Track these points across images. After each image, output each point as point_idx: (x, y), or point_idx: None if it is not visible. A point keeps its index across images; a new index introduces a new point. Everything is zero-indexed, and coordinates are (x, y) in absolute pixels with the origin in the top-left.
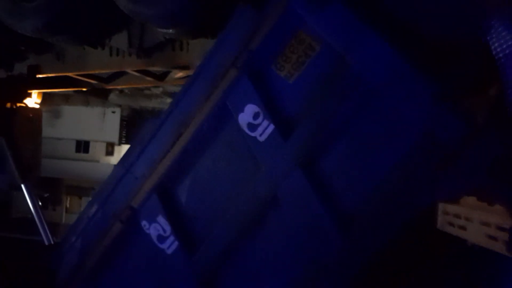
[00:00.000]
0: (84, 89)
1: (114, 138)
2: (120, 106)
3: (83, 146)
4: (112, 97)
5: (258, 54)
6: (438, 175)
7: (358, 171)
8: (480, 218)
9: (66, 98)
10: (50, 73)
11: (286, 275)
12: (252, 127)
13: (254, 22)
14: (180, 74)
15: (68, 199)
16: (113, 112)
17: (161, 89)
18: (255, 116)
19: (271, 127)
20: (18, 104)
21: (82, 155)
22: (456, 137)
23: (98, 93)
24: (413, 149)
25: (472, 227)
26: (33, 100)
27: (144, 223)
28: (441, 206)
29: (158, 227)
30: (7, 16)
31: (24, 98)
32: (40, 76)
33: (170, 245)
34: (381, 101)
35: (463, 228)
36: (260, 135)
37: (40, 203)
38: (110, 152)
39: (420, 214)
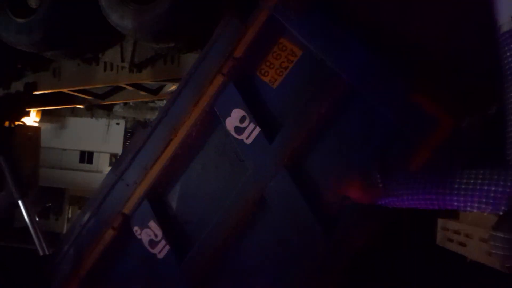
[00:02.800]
0: (81, 106)
1: (118, 149)
2: (124, 118)
3: (87, 157)
4: (117, 109)
5: (243, 61)
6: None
7: (340, 169)
8: (480, 234)
9: (71, 109)
10: (46, 90)
11: (274, 275)
12: (239, 130)
13: (239, 31)
14: (173, 87)
15: (70, 209)
16: (117, 123)
17: (165, 101)
18: (242, 119)
19: (257, 130)
20: (17, 123)
21: (85, 165)
22: (425, 133)
23: (102, 105)
24: (389, 146)
25: (472, 244)
26: (31, 119)
27: (136, 228)
28: (440, 222)
29: (149, 232)
30: (2, 31)
31: (22, 116)
32: (37, 93)
33: (161, 250)
34: (359, 100)
35: (462, 244)
36: (247, 138)
37: (37, 218)
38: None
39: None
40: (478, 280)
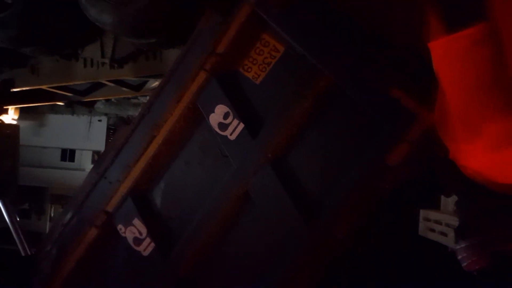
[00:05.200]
0: (62, 103)
1: (101, 146)
2: (106, 114)
3: (68, 154)
4: (99, 105)
5: (226, 57)
6: None
7: (323, 165)
8: None
9: (51, 106)
10: (24, 87)
11: (259, 268)
12: (223, 126)
13: (221, 26)
14: (156, 83)
15: (52, 208)
16: (99, 120)
17: (147, 97)
18: (225, 116)
19: (241, 126)
20: None
21: (67, 163)
22: (403, 127)
23: (84, 102)
24: (370, 140)
25: (453, 233)
26: (10, 116)
27: (120, 226)
28: (422, 212)
29: (134, 230)
30: None
31: (0, 114)
32: (15, 90)
33: (146, 247)
34: (341, 95)
35: (443, 234)
36: (231, 134)
37: (17, 218)
38: None
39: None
40: (478, 280)
